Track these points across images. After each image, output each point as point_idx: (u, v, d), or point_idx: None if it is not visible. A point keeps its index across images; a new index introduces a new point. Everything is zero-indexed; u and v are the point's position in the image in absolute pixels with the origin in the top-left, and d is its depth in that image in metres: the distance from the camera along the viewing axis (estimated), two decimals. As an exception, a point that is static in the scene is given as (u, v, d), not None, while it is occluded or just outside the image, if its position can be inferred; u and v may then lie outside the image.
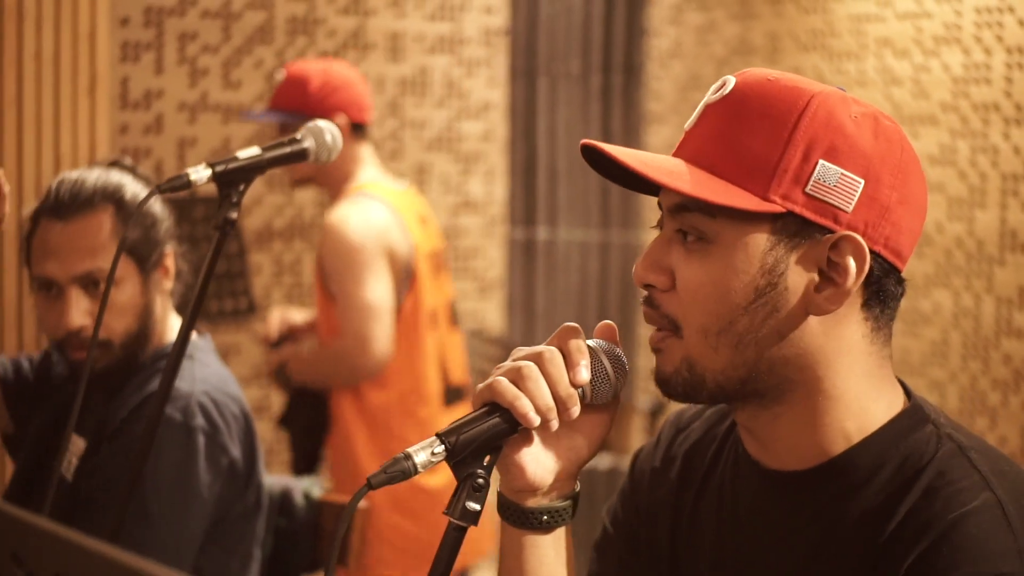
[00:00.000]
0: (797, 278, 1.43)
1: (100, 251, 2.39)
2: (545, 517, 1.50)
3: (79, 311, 2.38)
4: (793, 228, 1.42)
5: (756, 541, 1.55)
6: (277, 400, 5.01)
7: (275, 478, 2.77)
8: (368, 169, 3.77)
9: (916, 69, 4.16)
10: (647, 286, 1.48)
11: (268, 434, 5.01)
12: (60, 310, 2.38)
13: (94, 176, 2.45)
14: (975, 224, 3.96)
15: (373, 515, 3.05)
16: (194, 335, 2.51)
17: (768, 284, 1.42)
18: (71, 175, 2.46)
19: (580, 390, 1.44)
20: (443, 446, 1.37)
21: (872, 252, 1.42)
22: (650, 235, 4.94)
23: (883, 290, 1.46)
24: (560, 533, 1.53)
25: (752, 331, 1.43)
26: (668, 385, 1.48)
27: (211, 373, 2.46)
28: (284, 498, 2.70)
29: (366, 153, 3.80)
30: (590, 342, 1.47)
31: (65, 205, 2.41)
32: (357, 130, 3.76)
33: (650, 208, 5.52)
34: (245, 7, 4.87)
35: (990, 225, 3.88)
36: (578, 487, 1.54)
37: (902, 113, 4.17)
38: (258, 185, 4.92)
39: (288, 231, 5.03)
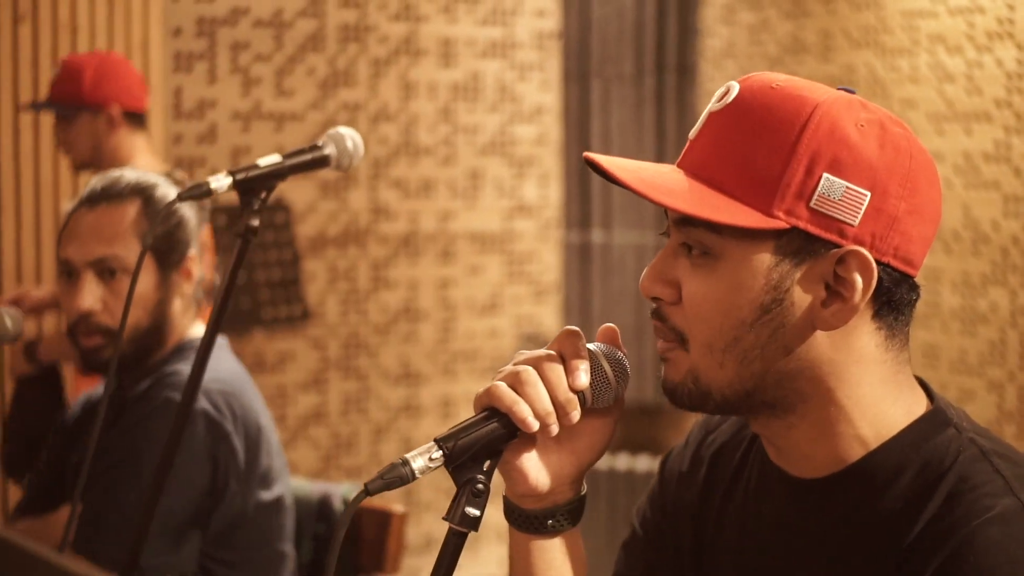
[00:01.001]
0: (803, 294, 1.40)
1: (117, 239, 2.44)
2: (550, 522, 1.50)
3: (90, 295, 2.43)
4: (798, 243, 1.39)
5: (779, 547, 1.53)
6: (335, 406, 5.04)
7: (313, 484, 2.77)
8: (143, 157, 3.81)
9: (969, 65, 4.10)
10: (654, 298, 1.46)
11: (325, 439, 5.03)
12: (74, 294, 2.43)
13: (132, 173, 2.52)
14: (1031, 221, 3.90)
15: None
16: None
17: (773, 300, 1.39)
18: (114, 172, 2.53)
19: (580, 394, 1.43)
20: (441, 451, 1.36)
21: (881, 264, 1.39)
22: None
23: (895, 299, 1.42)
24: (569, 536, 1.52)
25: (757, 347, 1.40)
26: (675, 395, 1.46)
27: (224, 368, 2.47)
28: (323, 504, 2.70)
29: (141, 142, 3.84)
30: (591, 346, 1.46)
31: (97, 195, 2.49)
32: (131, 119, 3.82)
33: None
34: (296, 15, 4.89)
35: (1046, 222, 3.82)
36: (584, 490, 1.53)
37: (955, 110, 4.11)
38: (312, 192, 4.94)
39: (342, 238, 5.05)
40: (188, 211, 2.53)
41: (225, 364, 2.49)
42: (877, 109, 1.43)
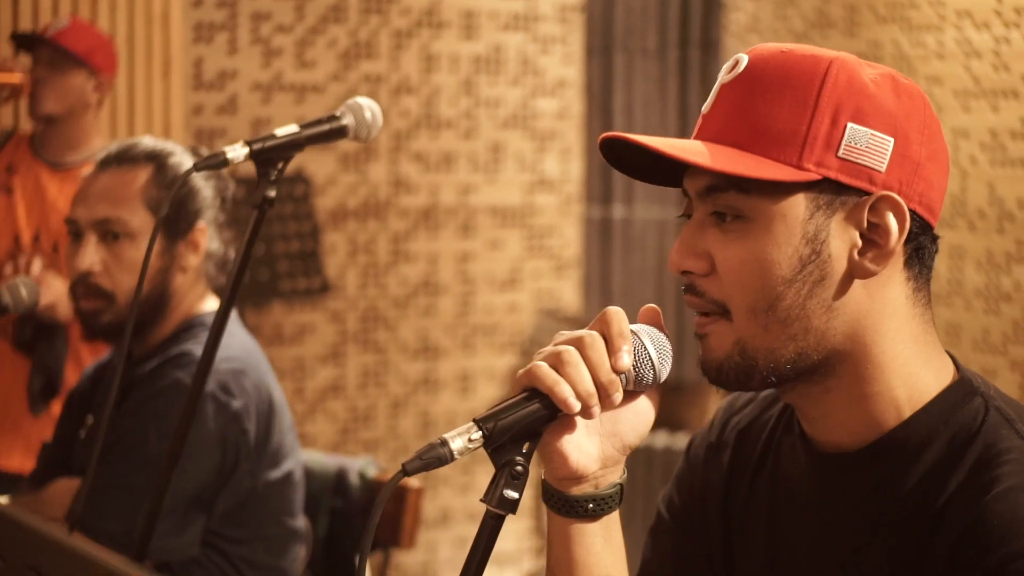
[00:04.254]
0: (839, 243, 1.41)
1: (123, 202, 2.43)
2: (591, 505, 1.47)
3: (89, 255, 2.43)
4: (830, 194, 1.41)
5: (809, 524, 1.53)
6: (353, 380, 5.03)
7: (330, 458, 2.76)
8: (100, 138, 3.85)
9: (997, 41, 4.06)
10: (685, 272, 1.45)
11: (343, 413, 5.02)
12: (75, 254, 2.43)
13: (150, 140, 2.52)
14: (1057, 199, 3.85)
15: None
16: (217, 303, 2.54)
17: (812, 252, 1.40)
18: (132, 138, 2.55)
19: (622, 376, 1.40)
20: (480, 432, 1.33)
21: (908, 210, 1.41)
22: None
23: (921, 247, 1.45)
24: (609, 520, 1.50)
25: (800, 303, 1.41)
26: (720, 372, 1.45)
27: (235, 344, 2.45)
28: (339, 479, 2.69)
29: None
30: (633, 327, 1.43)
31: (111, 158, 2.50)
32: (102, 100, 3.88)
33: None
34: (318, -14, 4.87)
35: (1073, 200, 3.78)
36: (625, 473, 1.50)
37: (982, 86, 4.07)
38: (332, 164, 4.92)
39: (362, 210, 5.03)
40: (201, 182, 2.51)
41: (236, 340, 2.47)
42: (881, 65, 1.46)
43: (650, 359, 1.42)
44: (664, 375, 1.45)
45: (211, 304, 2.54)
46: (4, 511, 1.05)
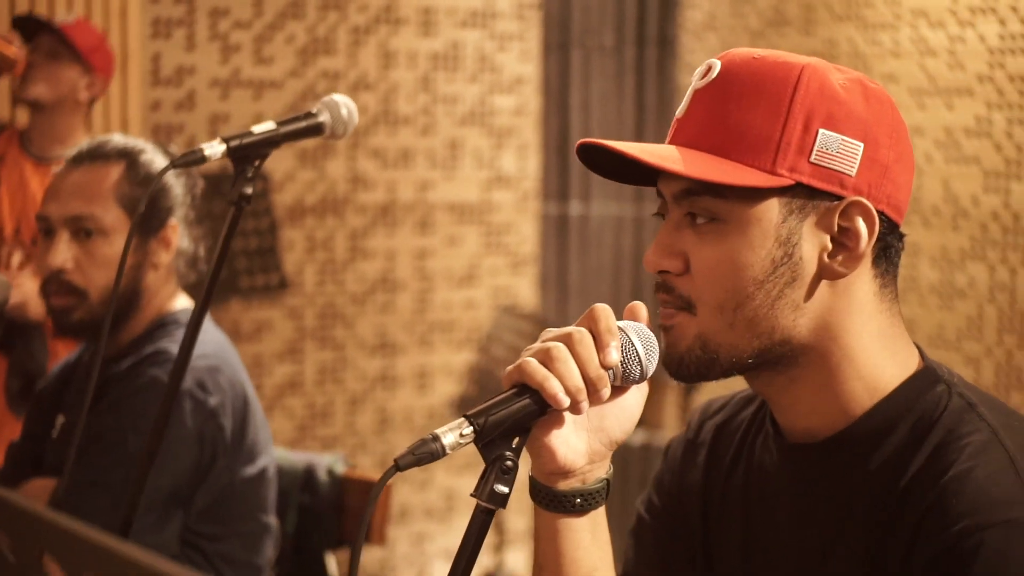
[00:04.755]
0: (810, 246, 1.45)
1: (95, 199, 2.43)
2: (578, 500, 1.49)
3: (61, 252, 2.42)
4: (802, 198, 1.44)
5: (781, 517, 1.56)
6: (311, 376, 5.02)
7: (298, 454, 2.76)
8: (80, 135, 3.83)
9: (951, 40, 4.11)
10: (661, 272, 1.49)
11: (301, 409, 5.02)
12: (47, 252, 2.42)
13: (121, 137, 2.51)
14: (1011, 197, 3.90)
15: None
16: (188, 302, 2.54)
17: (784, 255, 1.44)
18: (104, 135, 2.54)
19: (610, 371, 1.42)
20: (471, 427, 1.34)
21: (877, 212, 1.45)
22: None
23: (888, 246, 1.49)
24: (596, 515, 1.52)
25: (768, 303, 1.44)
26: (681, 364, 1.49)
27: (209, 340, 2.45)
28: (307, 475, 2.69)
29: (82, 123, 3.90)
30: (620, 323, 1.45)
31: (83, 154, 2.49)
32: (92, 101, 3.90)
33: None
34: (276, -18, 4.86)
35: (1022, 198, 3.83)
36: (611, 469, 1.52)
37: (937, 84, 4.12)
38: (290, 161, 4.91)
39: (320, 207, 5.03)
40: (172, 179, 2.50)
41: (210, 337, 2.47)
42: (851, 70, 1.50)
43: (637, 355, 1.44)
44: (651, 370, 1.47)
45: (182, 302, 2.54)
46: (13, 499, 1.05)
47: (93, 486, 2.31)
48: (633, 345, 1.44)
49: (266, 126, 1.96)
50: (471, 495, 1.38)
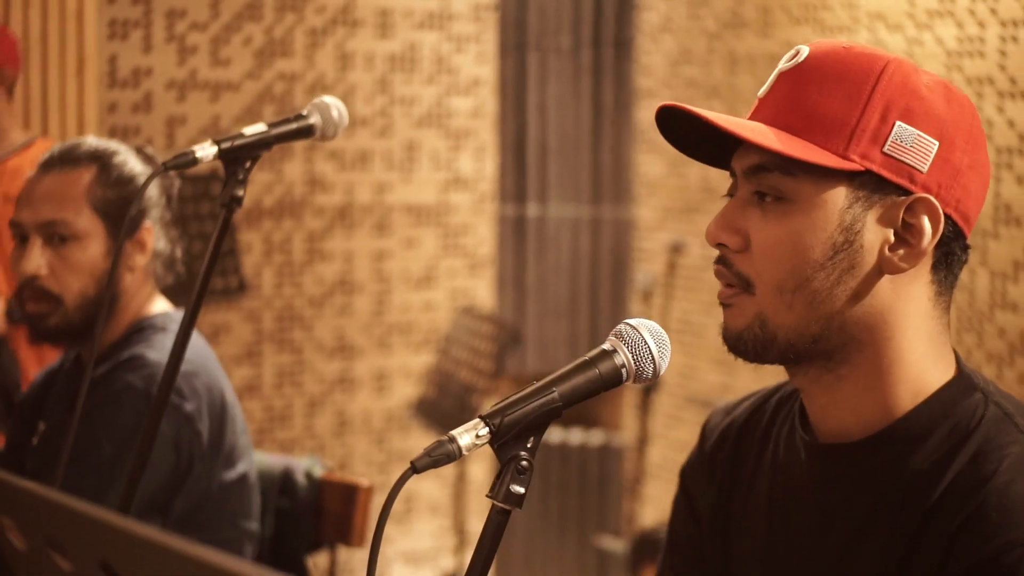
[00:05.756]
0: (873, 236, 1.46)
1: (68, 203, 2.41)
2: None
3: (35, 259, 2.40)
4: (870, 187, 1.45)
5: (808, 514, 1.56)
6: (269, 379, 5.00)
7: (275, 457, 2.74)
8: (15, 129, 3.84)
9: (909, 43, 4.15)
10: (720, 245, 1.50)
11: (259, 412, 5.00)
12: (21, 258, 2.40)
13: (93, 140, 2.49)
14: (970, 197, 3.95)
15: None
16: (171, 308, 2.52)
17: (845, 241, 1.45)
18: (76, 138, 2.51)
19: (623, 370, 1.42)
20: (487, 428, 1.34)
21: (944, 214, 1.46)
22: (647, 211, 4.84)
23: (951, 253, 1.50)
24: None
25: (827, 288, 1.46)
26: (739, 341, 1.50)
27: (188, 346, 2.43)
28: (285, 478, 2.67)
29: (9, 110, 3.86)
30: (632, 321, 1.45)
31: (55, 160, 2.46)
32: (9, 88, 3.84)
33: (642, 184, 5.50)
34: (233, -16, 4.83)
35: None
36: None
37: (895, 87, 4.16)
38: (248, 163, 4.88)
39: (277, 209, 5.00)
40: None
41: (189, 341, 2.45)
42: (937, 75, 1.50)
43: (650, 353, 1.44)
44: (663, 368, 1.47)
45: (160, 305, 2.52)
46: (21, 484, 1.04)
47: (67, 493, 2.28)
48: (645, 343, 1.44)
49: (257, 128, 1.95)
50: (487, 496, 1.38)
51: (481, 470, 5.32)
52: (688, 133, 1.52)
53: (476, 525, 5.36)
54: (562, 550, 5.53)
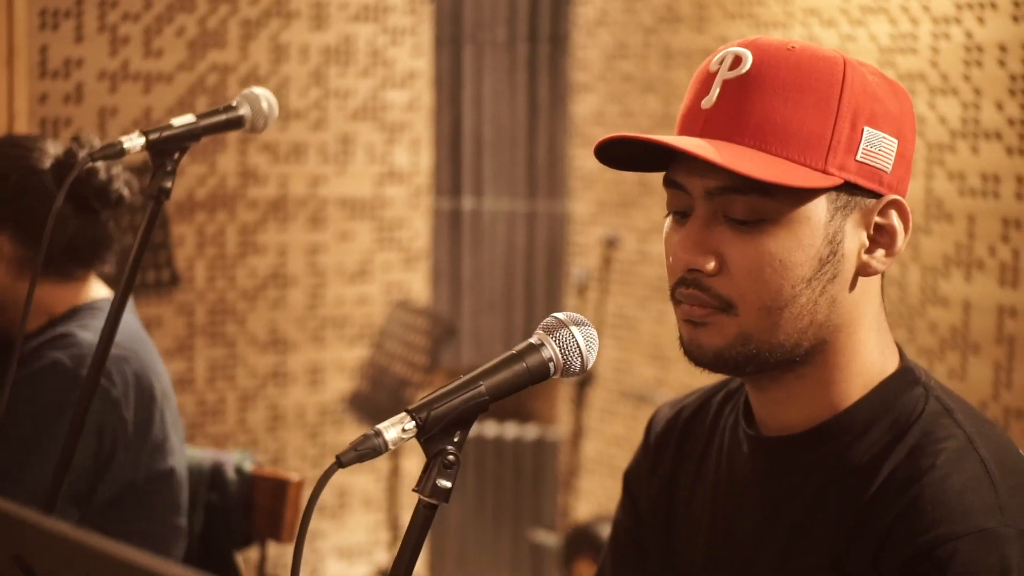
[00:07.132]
0: (851, 243, 1.47)
1: None
2: None
3: None
4: (846, 195, 1.46)
5: (751, 507, 1.57)
6: (202, 373, 4.96)
7: (205, 452, 2.72)
8: None
9: (843, 39, 4.18)
10: (691, 270, 1.47)
11: (191, 407, 4.95)
12: None
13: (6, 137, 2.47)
14: (901, 193, 3.98)
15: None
16: (107, 292, 2.50)
17: (830, 253, 1.45)
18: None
19: (551, 364, 1.42)
20: (413, 422, 1.33)
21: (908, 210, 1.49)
22: (582, 205, 4.80)
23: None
24: None
25: (812, 301, 1.46)
26: (719, 359, 1.48)
27: (123, 329, 2.40)
28: (215, 472, 2.65)
29: None
30: (559, 315, 1.45)
31: None
32: None
33: (577, 178, 5.50)
34: (166, -26, 4.78)
35: (916, 195, 3.91)
36: None
37: (829, 83, 4.18)
38: (180, 155, 4.84)
39: (210, 201, 4.96)
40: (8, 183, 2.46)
41: (125, 326, 2.41)
42: (868, 63, 1.51)
43: (578, 347, 1.44)
44: (591, 362, 1.47)
45: (100, 291, 2.50)
46: (35, 521, 1.02)
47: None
48: (574, 337, 1.44)
49: (185, 119, 1.93)
50: (413, 490, 1.37)
51: (415, 464, 5.30)
52: (627, 151, 1.49)
53: (410, 520, 5.34)
54: (496, 544, 5.53)
